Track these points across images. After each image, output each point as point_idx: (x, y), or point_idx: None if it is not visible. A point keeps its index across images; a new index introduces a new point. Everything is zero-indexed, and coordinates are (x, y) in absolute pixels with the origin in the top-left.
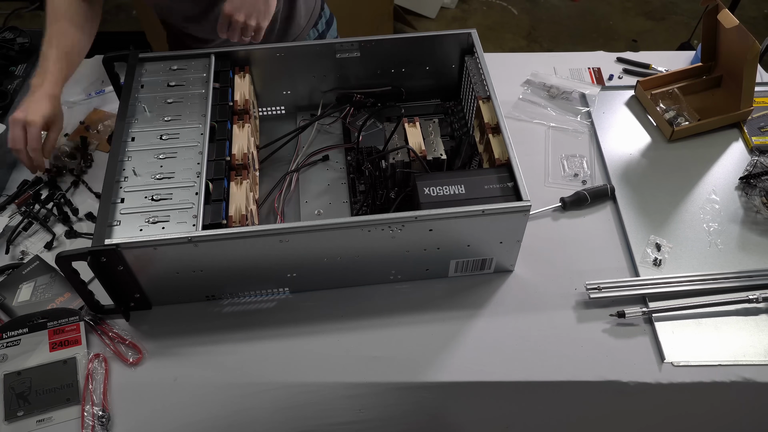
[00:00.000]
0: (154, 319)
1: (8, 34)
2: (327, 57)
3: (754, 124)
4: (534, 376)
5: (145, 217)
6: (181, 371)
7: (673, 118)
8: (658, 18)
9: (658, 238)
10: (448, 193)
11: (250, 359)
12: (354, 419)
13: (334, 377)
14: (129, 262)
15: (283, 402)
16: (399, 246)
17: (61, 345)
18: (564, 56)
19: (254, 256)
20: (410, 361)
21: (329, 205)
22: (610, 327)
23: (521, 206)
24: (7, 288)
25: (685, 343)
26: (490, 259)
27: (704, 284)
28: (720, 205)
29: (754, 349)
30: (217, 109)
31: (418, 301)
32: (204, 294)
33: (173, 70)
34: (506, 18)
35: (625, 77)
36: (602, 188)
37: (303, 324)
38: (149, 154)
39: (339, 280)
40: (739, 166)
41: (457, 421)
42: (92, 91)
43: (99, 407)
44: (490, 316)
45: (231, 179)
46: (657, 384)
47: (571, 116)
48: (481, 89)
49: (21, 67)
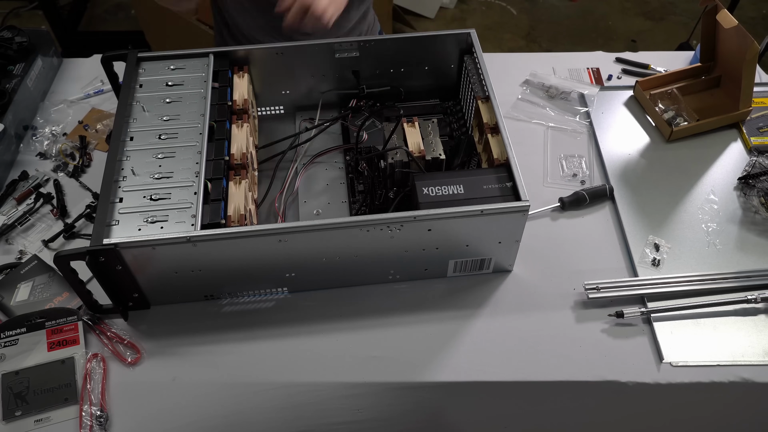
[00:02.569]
0: (152, 319)
1: (6, 33)
2: (326, 57)
3: (753, 125)
4: (532, 376)
5: (143, 216)
6: (180, 371)
7: (672, 119)
8: (657, 18)
9: (656, 239)
10: (446, 193)
11: (248, 359)
12: (352, 419)
13: (332, 377)
14: (127, 262)
15: (281, 402)
16: (398, 246)
17: (59, 345)
18: (563, 56)
19: (253, 255)
20: (409, 360)
21: (328, 204)
22: (608, 327)
23: (520, 206)
24: (5, 287)
25: (684, 344)
26: (489, 259)
27: (703, 284)
28: (719, 206)
29: (752, 349)
30: (216, 108)
31: (416, 301)
32: (203, 294)
33: (172, 70)
34: (505, 18)
35: (624, 77)
36: (601, 188)
37: (302, 324)
38: (148, 153)
39: (338, 280)
40: (738, 166)
41: (455, 421)
42: (91, 91)
43: (97, 407)
44: (489, 316)
45: (230, 179)
46: (655, 384)
47: (569, 116)
48: (480, 89)
49: (19, 66)
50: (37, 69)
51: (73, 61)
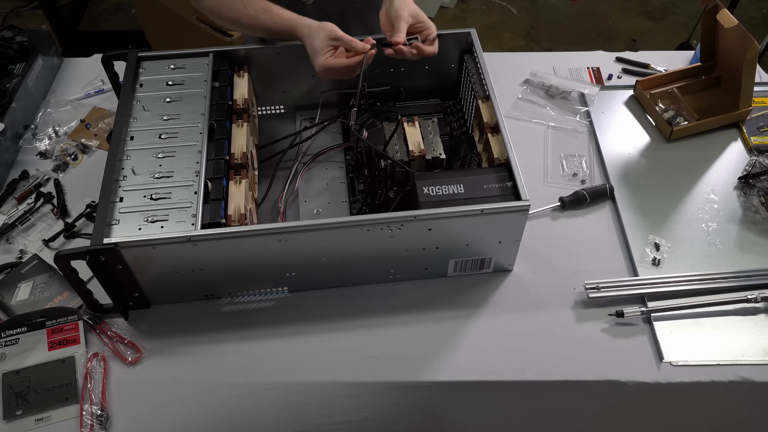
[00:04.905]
0: (152, 318)
1: (7, 32)
2: None
3: (753, 124)
4: (533, 376)
5: (144, 216)
6: (180, 370)
7: (672, 118)
8: (657, 18)
9: (656, 238)
10: (447, 193)
11: (249, 358)
12: (353, 419)
13: (333, 376)
14: (128, 261)
15: (282, 401)
16: (398, 245)
17: (60, 344)
18: (563, 56)
19: (253, 255)
20: (409, 360)
21: (328, 204)
22: (608, 327)
23: (520, 206)
24: (6, 287)
25: (684, 343)
26: (489, 258)
27: (703, 284)
28: (719, 205)
29: (752, 348)
30: (216, 108)
31: (417, 300)
32: (203, 293)
33: (172, 69)
34: (505, 17)
35: (624, 77)
36: (601, 188)
37: (302, 323)
38: (148, 153)
39: (338, 280)
40: (738, 165)
41: (455, 421)
42: (91, 90)
43: (98, 406)
44: (489, 316)
45: (230, 178)
46: (656, 383)
47: (570, 116)
48: (480, 89)
49: (20, 65)
50: (37, 68)
51: (73, 60)
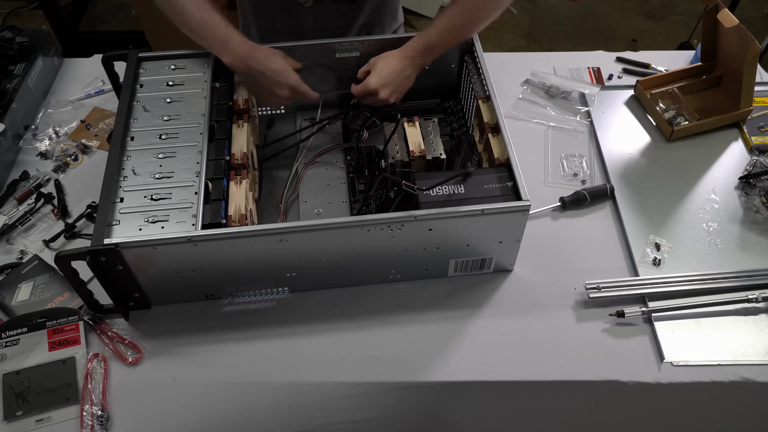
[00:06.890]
0: (153, 319)
1: (7, 33)
2: (327, 57)
3: (754, 124)
4: (533, 376)
5: (144, 216)
6: (181, 371)
7: (673, 118)
8: (657, 18)
9: (657, 238)
10: (447, 193)
11: (249, 359)
12: (353, 419)
13: (333, 377)
14: (128, 262)
15: (282, 401)
16: (398, 245)
17: (60, 344)
18: (563, 56)
19: (253, 255)
20: (409, 360)
21: (328, 204)
22: (609, 327)
23: (521, 206)
24: (6, 287)
25: (685, 343)
26: (490, 258)
27: (704, 284)
28: (719, 205)
29: (753, 348)
30: (216, 108)
31: (417, 300)
32: (203, 293)
33: (172, 70)
34: (505, 17)
35: (625, 77)
36: (602, 188)
37: (302, 323)
38: (149, 153)
39: (338, 280)
40: (739, 165)
41: (456, 421)
42: (91, 91)
43: (98, 407)
44: (490, 316)
45: (230, 179)
46: (656, 384)
47: (570, 116)
48: (481, 89)
49: (20, 66)
50: (37, 69)
51: (73, 61)
